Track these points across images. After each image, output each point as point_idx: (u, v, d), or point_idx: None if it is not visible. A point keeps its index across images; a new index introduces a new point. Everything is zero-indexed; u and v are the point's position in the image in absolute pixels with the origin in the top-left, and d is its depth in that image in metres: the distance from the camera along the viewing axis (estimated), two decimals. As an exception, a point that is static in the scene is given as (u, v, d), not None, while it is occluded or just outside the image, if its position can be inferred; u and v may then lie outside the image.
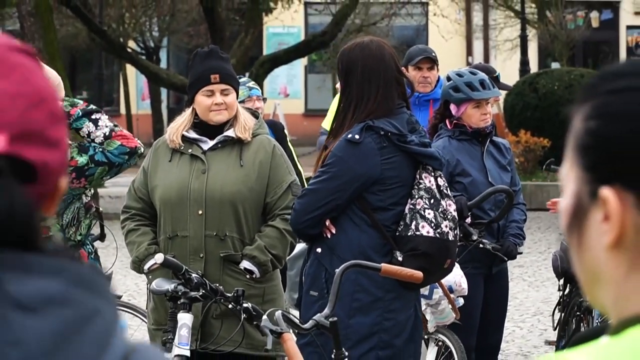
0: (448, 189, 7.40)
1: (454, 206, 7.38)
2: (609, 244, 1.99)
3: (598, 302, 2.08)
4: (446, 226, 7.18)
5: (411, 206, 7.13)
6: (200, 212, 7.36)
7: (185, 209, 7.38)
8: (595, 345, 2.04)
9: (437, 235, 7.13)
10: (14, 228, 2.00)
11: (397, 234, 7.11)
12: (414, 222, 7.10)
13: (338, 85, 7.37)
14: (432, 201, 7.15)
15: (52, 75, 6.69)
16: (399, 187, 7.12)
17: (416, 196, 7.13)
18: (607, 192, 1.96)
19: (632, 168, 1.97)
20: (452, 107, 9.44)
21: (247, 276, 7.24)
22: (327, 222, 6.98)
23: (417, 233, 7.08)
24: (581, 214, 2.03)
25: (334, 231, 6.93)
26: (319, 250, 7.08)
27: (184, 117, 7.60)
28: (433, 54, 11.71)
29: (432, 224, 7.12)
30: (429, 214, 7.12)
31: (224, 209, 7.35)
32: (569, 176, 2.06)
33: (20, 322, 1.92)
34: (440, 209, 7.15)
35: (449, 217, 7.22)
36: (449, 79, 9.70)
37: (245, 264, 7.23)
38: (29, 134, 2.05)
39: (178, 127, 7.46)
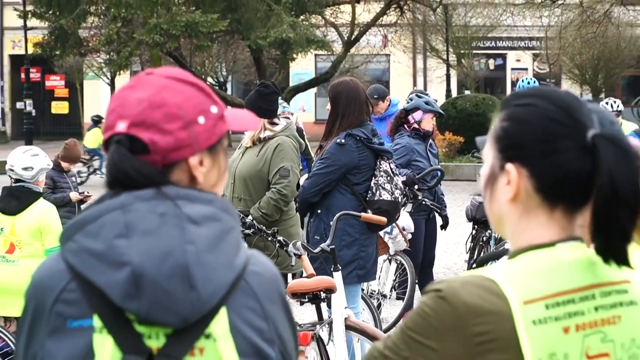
0: (397, 170, 7.37)
1: (401, 180, 7.39)
2: (509, 199, 1.98)
3: (502, 234, 2.05)
4: (398, 194, 7.17)
5: (375, 181, 7.10)
6: (232, 182, 7.34)
7: (227, 180, 7.29)
8: (499, 264, 2.00)
9: (392, 199, 7.11)
10: (135, 176, 1.98)
11: (368, 199, 7.07)
12: (377, 192, 7.08)
13: (328, 107, 7.33)
14: (388, 178, 7.12)
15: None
16: (368, 170, 7.07)
17: (378, 175, 7.11)
18: (510, 166, 1.96)
19: (527, 153, 1.95)
20: (415, 116, 9.34)
21: (246, 226, 7.19)
22: None
23: (380, 198, 7.06)
24: (493, 178, 2.00)
25: None
26: (319, 210, 7.08)
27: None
28: (376, 95, 11.41)
29: (389, 192, 7.10)
30: (386, 186, 7.10)
31: (241, 182, 7.33)
32: (487, 155, 2.03)
33: (192, 230, 1.95)
34: (393, 183, 7.14)
35: (399, 188, 7.21)
36: (412, 99, 9.50)
37: (249, 217, 7.09)
38: (145, 123, 2.00)
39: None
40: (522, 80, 11.92)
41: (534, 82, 11.42)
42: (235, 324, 1.96)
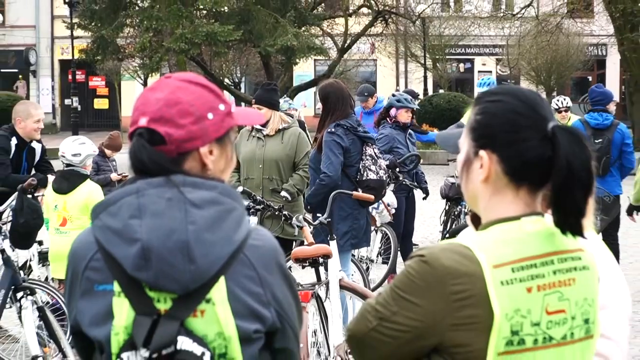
0: (380, 154, 7.34)
1: (385, 163, 7.36)
2: (482, 180, 1.97)
3: (476, 209, 2.03)
4: (382, 174, 7.15)
5: (362, 164, 7.07)
6: (260, 166, 7.23)
7: (253, 164, 7.28)
8: (471, 234, 2.00)
9: (378, 178, 7.08)
10: (149, 164, 2.00)
11: (357, 179, 7.04)
12: (365, 172, 7.05)
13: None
14: (372, 161, 7.09)
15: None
16: (356, 154, 7.03)
17: (364, 159, 7.08)
18: (482, 153, 1.95)
19: (497, 141, 1.95)
20: (392, 111, 9.40)
21: (284, 199, 7.16)
22: None
23: (368, 178, 7.04)
24: (469, 163, 1.99)
25: None
26: None
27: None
28: (366, 93, 11.73)
29: (374, 173, 7.07)
30: (372, 167, 7.07)
31: (272, 164, 7.22)
32: (464, 143, 2.02)
33: (194, 212, 1.96)
34: (377, 164, 7.11)
35: (383, 168, 7.18)
36: (393, 95, 9.68)
37: (283, 193, 7.15)
38: (162, 119, 2.01)
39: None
40: (483, 78, 11.88)
41: (493, 81, 11.38)
42: (233, 290, 1.97)
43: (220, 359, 1.95)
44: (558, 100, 10.74)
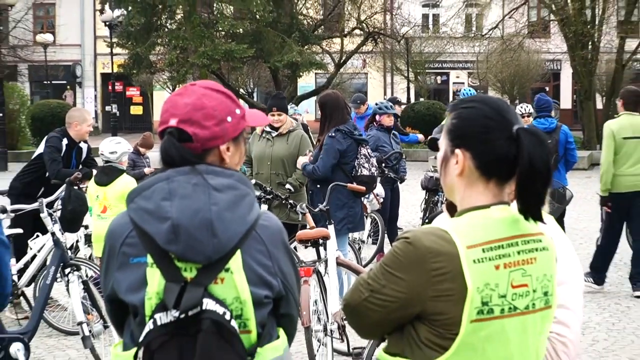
0: (372, 153, 7.28)
1: (375, 160, 7.29)
2: (457, 174, 1.95)
3: (453, 199, 2.01)
4: (374, 170, 7.10)
5: (357, 162, 7.03)
6: (268, 163, 7.23)
7: (263, 161, 7.26)
8: (448, 220, 1.98)
9: (370, 174, 7.05)
10: (177, 159, 2.00)
11: (352, 174, 7.01)
12: (359, 169, 7.01)
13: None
14: (366, 159, 7.04)
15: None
16: (352, 154, 6.99)
17: (359, 158, 7.03)
18: (458, 151, 1.94)
19: (469, 141, 1.93)
20: (377, 117, 9.42)
21: (288, 191, 7.13)
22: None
23: (362, 174, 7.01)
24: (447, 159, 1.97)
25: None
26: (318, 185, 7.00)
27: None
28: (358, 101, 11.72)
29: (367, 169, 7.03)
30: (365, 165, 7.03)
31: (278, 162, 7.21)
32: (442, 143, 2.00)
33: (215, 195, 1.96)
34: (370, 162, 7.07)
35: (374, 166, 7.13)
36: (376, 104, 9.71)
37: (287, 185, 7.14)
38: (190, 121, 2.01)
39: (263, 127, 7.36)
40: (464, 89, 11.88)
41: (472, 91, 11.41)
42: (247, 261, 1.98)
43: (237, 320, 1.95)
44: (522, 107, 10.71)
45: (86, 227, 7.26)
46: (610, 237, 7.99)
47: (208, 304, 1.90)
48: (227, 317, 1.90)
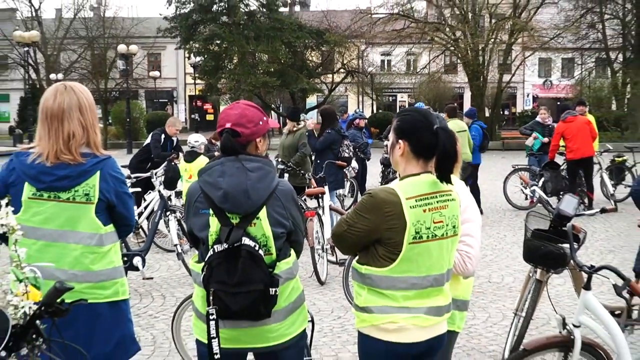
0: (350, 143, 7.09)
1: (352, 147, 7.14)
2: (399, 155, 1.89)
3: (398, 170, 1.95)
4: (351, 153, 7.03)
5: (341, 148, 6.93)
6: (282, 149, 6.98)
7: (282, 149, 6.93)
8: (395, 183, 1.92)
9: (348, 156, 6.98)
10: (230, 148, 1.94)
11: (338, 156, 6.89)
12: (342, 152, 6.92)
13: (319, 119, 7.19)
14: (346, 146, 6.97)
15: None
16: (338, 143, 6.90)
17: (342, 146, 6.94)
18: (400, 141, 1.88)
19: (407, 135, 1.88)
20: (355, 121, 9.28)
21: (294, 164, 6.82)
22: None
23: (343, 155, 6.93)
24: (394, 146, 1.92)
25: None
26: (318, 161, 6.90)
27: (287, 126, 7.00)
28: (342, 111, 11.41)
29: (347, 153, 6.97)
30: (346, 150, 6.96)
31: (285, 149, 6.85)
32: (391, 136, 1.94)
33: (250, 174, 1.85)
34: (349, 148, 7.00)
35: (352, 150, 7.06)
36: (355, 112, 9.56)
37: (291, 162, 6.80)
38: (238, 124, 1.95)
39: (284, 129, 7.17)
40: (418, 104, 11.76)
41: (422, 105, 11.26)
42: (270, 212, 1.95)
43: (264, 247, 1.94)
44: (438, 115, 10.58)
45: (178, 193, 7.24)
46: None
47: (245, 239, 1.89)
48: (256, 248, 1.90)
